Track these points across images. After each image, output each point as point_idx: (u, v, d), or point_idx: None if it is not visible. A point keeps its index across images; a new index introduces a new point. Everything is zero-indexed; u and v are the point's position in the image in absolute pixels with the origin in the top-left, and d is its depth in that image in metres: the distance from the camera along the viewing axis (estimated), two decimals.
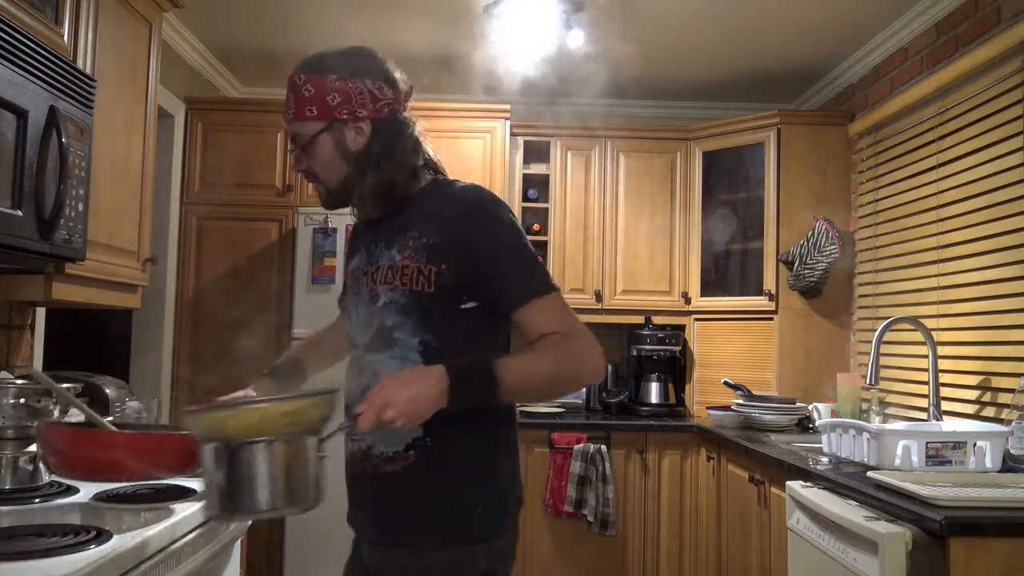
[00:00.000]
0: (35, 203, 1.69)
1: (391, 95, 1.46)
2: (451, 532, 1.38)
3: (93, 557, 1.28)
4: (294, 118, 1.44)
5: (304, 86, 1.42)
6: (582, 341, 1.37)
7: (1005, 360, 2.54)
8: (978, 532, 1.70)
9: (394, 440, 1.39)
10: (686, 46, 3.62)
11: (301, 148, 1.45)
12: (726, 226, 3.97)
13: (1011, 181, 2.53)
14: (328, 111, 1.41)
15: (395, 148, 1.45)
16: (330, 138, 1.42)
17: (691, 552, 3.65)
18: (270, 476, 1.18)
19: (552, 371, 1.35)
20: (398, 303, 1.40)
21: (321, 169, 1.45)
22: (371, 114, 1.43)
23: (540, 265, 1.42)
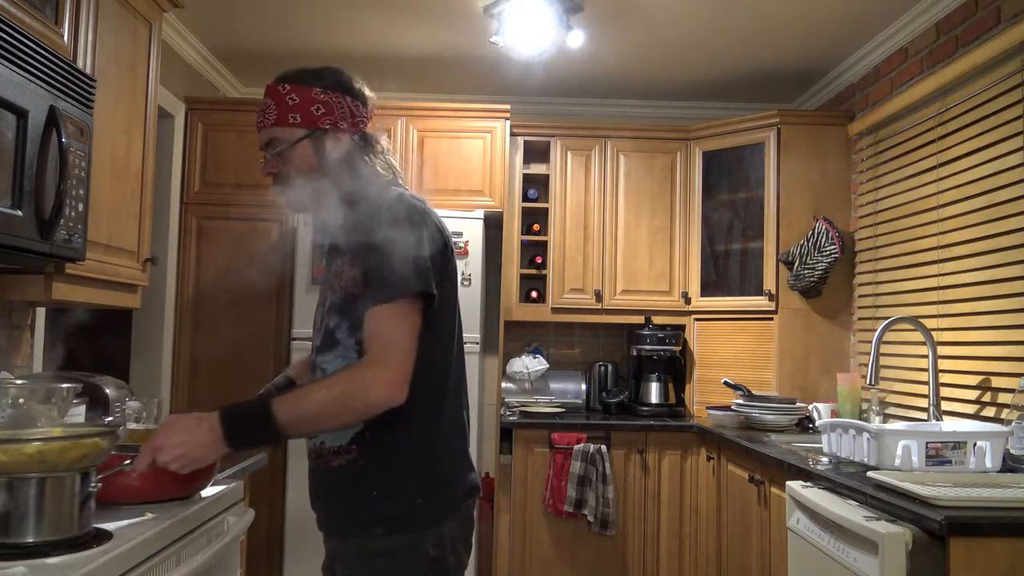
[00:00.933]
0: (35, 203, 1.69)
1: (365, 114, 1.59)
2: (396, 521, 1.45)
3: (93, 557, 1.28)
4: (275, 123, 1.52)
5: (289, 95, 1.52)
6: (372, 366, 1.39)
7: (1005, 360, 2.54)
8: (978, 532, 1.70)
9: (339, 435, 1.47)
10: (686, 46, 3.62)
11: (276, 153, 1.53)
12: (726, 226, 3.97)
13: (1011, 181, 2.53)
14: (312, 120, 1.51)
15: (366, 159, 1.56)
16: (311, 145, 1.52)
17: (691, 552, 3.65)
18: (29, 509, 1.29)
19: (326, 404, 1.39)
20: (336, 304, 1.49)
21: (295, 175, 1.53)
22: (349, 128, 1.55)
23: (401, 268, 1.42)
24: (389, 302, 1.41)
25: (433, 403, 1.49)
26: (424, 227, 1.47)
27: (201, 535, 1.71)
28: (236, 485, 1.96)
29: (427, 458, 1.48)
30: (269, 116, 1.53)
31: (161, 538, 1.51)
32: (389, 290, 1.41)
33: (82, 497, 1.36)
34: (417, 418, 1.46)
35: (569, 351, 4.43)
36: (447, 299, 1.53)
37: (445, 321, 1.53)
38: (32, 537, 1.29)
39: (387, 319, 1.41)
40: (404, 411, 1.41)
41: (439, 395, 1.51)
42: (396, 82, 4.16)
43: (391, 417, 1.41)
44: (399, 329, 1.41)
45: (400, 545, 1.44)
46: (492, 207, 3.83)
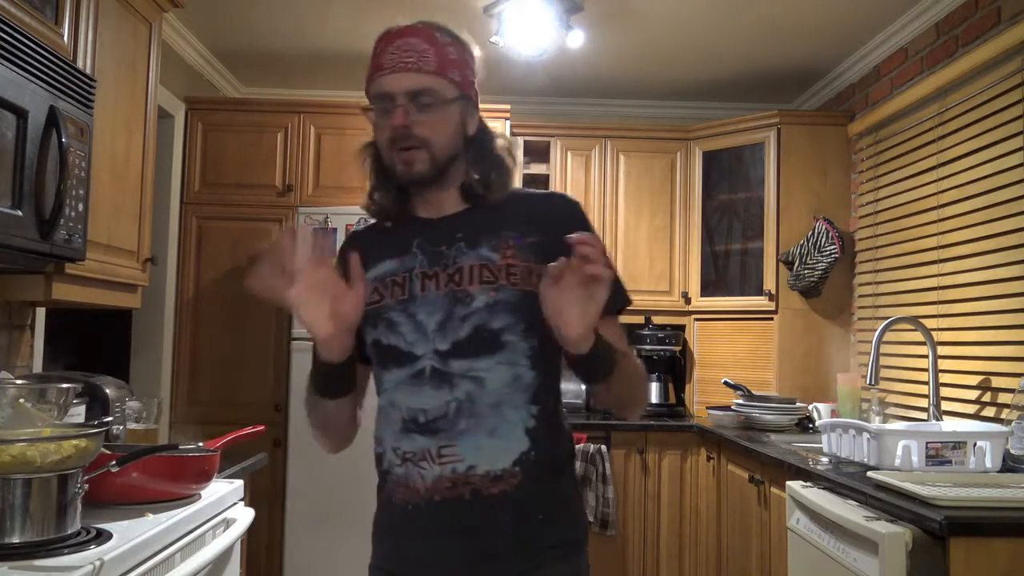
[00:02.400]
0: (35, 203, 1.69)
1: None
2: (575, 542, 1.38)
3: (93, 557, 1.28)
4: (434, 72, 1.30)
5: (449, 46, 1.34)
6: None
7: (1005, 360, 2.54)
8: (978, 532, 1.70)
9: (499, 457, 1.25)
10: (686, 46, 3.62)
11: (422, 107, 1.29)
12: (726, 226, 3.97)
13: (1011, 181, 2.53)
14: (468, 84, 1.36)
15: (495, 143, 1.42)
16: (459, 110, 1.34)
17: (691, 552, 3.65)
18: (14, 510, 1.30)
19: (640, 382, 1.41)
20: (507, 303, 1.26)
21: (438, 138, 1.30)
22: (477, 106, 1.41)
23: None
24: (623, 310, 1.36)
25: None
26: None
27: (201, 535, 1.71)
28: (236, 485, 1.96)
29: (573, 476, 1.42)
30: (427, 61, 1.30)
31: (161, 538, 1.51)
32: (624, 297, 1.36)
33: (68, 498, 1.36)
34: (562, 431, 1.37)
35: None
36: None
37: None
38: (18, 538, 1.29)
39: (620, 329, 1.37)
40: (564, 430, 1.36)
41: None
42: None
43: (555, 435, 1.32)
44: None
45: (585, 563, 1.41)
46: None
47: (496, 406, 1.25)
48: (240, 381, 3.68)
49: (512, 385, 1.26)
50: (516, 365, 1.26)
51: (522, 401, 1.27)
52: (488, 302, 1.26)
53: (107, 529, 1.44)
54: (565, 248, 1.13)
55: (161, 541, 1.51)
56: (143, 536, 1.44)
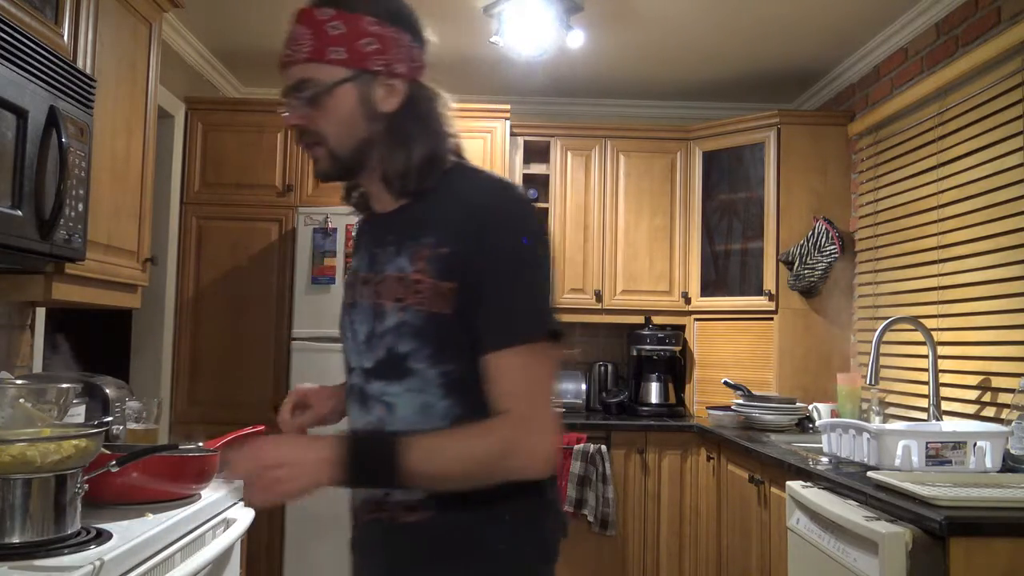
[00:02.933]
0: (35, 203, 1.69)
1: (423, 60, 1.24)
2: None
3: (93, 557, 1.28)
4: (309, 58, 1.15)
5: (330, 23, 1.14)
6: (530, 429, 1.10)
7: (1005, 360, 2.54)
8: (978, 532, 1.70)
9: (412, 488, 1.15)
10: (686, 46, 3.62)
11: (309, 99, 1.15)
12: (726, 226, 3.97)
13: (1011, 181, 2.53)
14: (360, 58, 1.14)
15: (431, 116, 1.20)
16: (355, 91, 1.15)
17: (691, 552, 3.65)
18: (14, 510, 1.30)
19: (464, 463, 1.10)
20: (412, 325, 1.14)
21: (333, 128, 1.16)
22: (407, 73, 1.18)
23: (541, 297, 1.15)
24: (525, 342, 1.11)
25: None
26: (545, 235, 1.19)
27: (201, 535, 1.71)
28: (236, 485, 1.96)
29: (528, 513, 1.19)
30: (301, 48, 1.15)
31: (161, 538, 1.51)
32: (528, 328, 1.12)
33: (68, 498, 1.36)
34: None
35: (569, 351, 4.42)
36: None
37: None
38: (18, 538, 1.29)
39: (528, 369, 1.11)
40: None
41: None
42: None
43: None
44: (544, 383, 1.13)
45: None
46: None
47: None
48: (240, 381, 3.68)
49: (422, 414, 1.14)
50: (425, 393, 1.14)
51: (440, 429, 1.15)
52: (396, 323, 1.15)
53: (107, 529, 1.44)
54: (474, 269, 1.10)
55: (161, 541, 1.51)
56: (143, 536, 1.44)
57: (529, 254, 1.14)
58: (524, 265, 1.14)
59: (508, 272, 1.12)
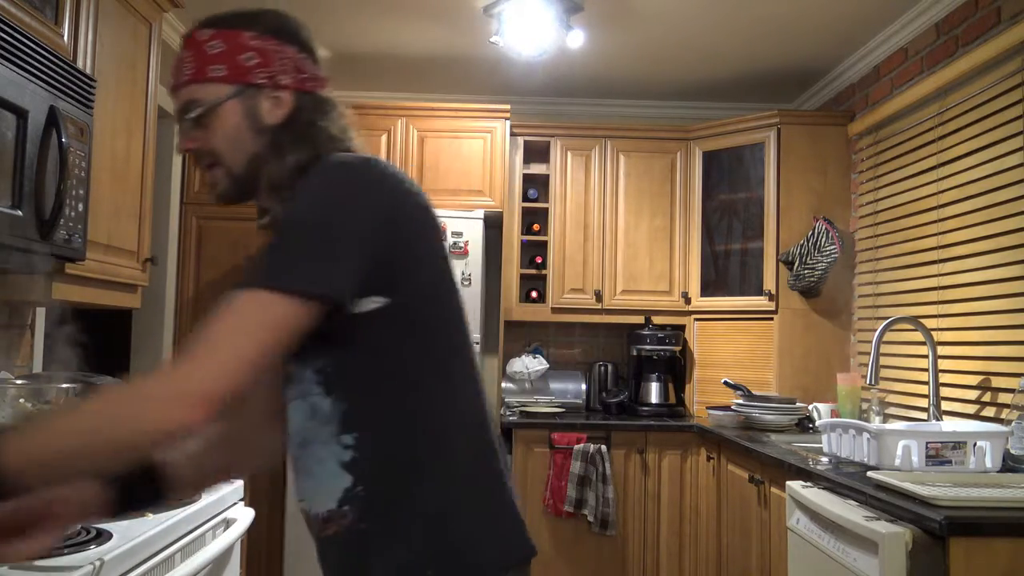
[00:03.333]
0: (35, 203, 1.69)
1: (316, 72, 1.20)
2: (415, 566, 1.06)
3: (93, 557, 1.28)
4: (191, 80, 1.14)
5: (209, 43, 1.13)
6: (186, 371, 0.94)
7: (1005, 360, 2.54)
8: (978, 532, 1.70)
9: (324, 498, 1.09)
10: (686, 46, 3.62)
11: (195, 120, 1.14)
12: (726, 226, 3.97)
13: (1011, 181, 2.53)
14: (241, 72, 1.13)
15: (319, 124, 1.16)
16: (240, 106, 1.13)
17: (691, 552, 3.65)
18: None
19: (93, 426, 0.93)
20: None
21: (224, 147, 1.14)
22: (294, 84, 1.16)
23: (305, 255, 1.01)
24: (251, 289, 0.98)
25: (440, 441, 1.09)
26: (367, 195, 1.06)
27: (201, 535, 1.71)
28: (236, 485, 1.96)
29: (437, 517, 1.07)
30: (185, 71, 1.14)
31: (161, 538, 1.51)
32: (261, 275, 0.99)
33: None
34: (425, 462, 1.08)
35: (569, 351, 4.42)
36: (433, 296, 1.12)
37: (439, 324, 1.12)
38: None
39: (236, 311, 0.97)
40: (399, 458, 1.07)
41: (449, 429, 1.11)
42: (396, 82, 4.16)
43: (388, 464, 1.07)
44: (245, 327, 0.97)
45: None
46: (492, 207, 3.83)
47: (304, 445, 1.11)
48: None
49: (312, 419, 1.09)
50: (309, 396, 1.09)
51: (329, 435, 1.08)
52: None
53: (107, 529, 1.45)
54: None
55: (161, 541, 1.51)
56: (143, 536, 1.44)
57: (309, 212, 1.04)
58: (297, 222, 1.04)
59: (282, 230, 1.04)
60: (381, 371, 1.08)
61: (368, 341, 1.07)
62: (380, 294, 1.06)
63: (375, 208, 1.06)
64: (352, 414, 1.07)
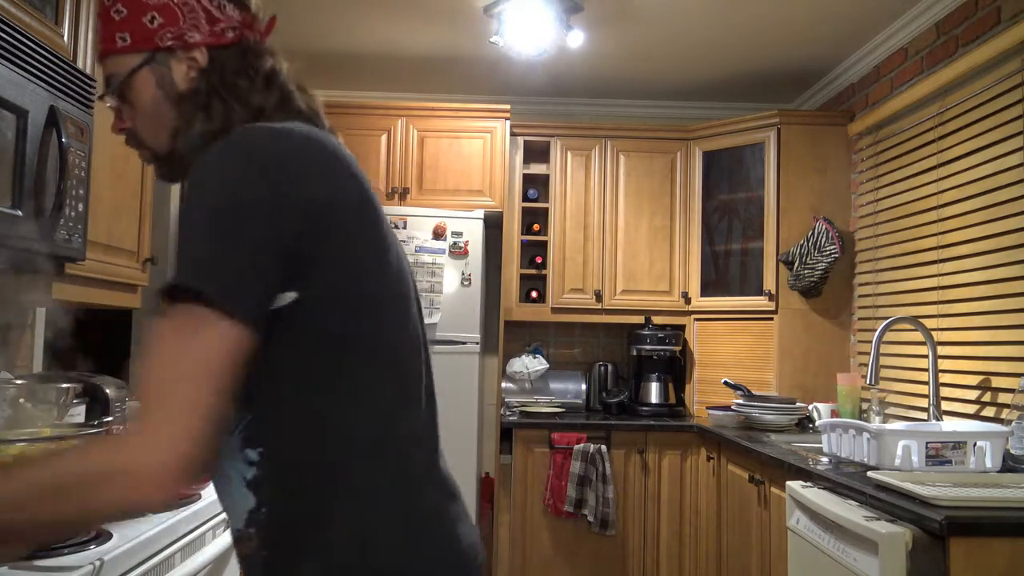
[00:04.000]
0: (35, 203, 1.69)
1: (238, 18, 1.06)
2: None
3: (93, 557, 1.28)
4: (103, 53, 1.03)
5: (114, 7, 1.01)
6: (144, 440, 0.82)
7: (1005, 360, 2.54)
8: (978, 532, 1.70)
9: (234, 514, 0.98)
10: (686, 46, 3.62)
11: (118, 96, 1.03)
12: (726, 226, 3.97)
13: (1011, 181, 2.53)
14: (146, 36, 1.01)
15: (237, 85, 1.02)
16: (152, 75, 1.02)
17: (691, 552, 3.65)
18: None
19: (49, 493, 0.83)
20: None
21: (144, 124, 1.04)
22: (208, 39, 1.03)
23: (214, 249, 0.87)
24: (184, 304, 0.84)
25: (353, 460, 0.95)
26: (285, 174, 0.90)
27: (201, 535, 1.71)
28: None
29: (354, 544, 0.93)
30: (98, 44, 1.04)
31: (161, 538, 1.51)
32: (185, 282, 0.84)
33: None
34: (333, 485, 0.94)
35: (569, 351, 4.42)
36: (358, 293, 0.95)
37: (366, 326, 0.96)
38: None
39: (169, 344, 0.84)
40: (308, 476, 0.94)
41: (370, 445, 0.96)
42: (396, 82, 4.16)
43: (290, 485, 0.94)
44: (185, 363, 0.83)
45: None
46: (492, 207, 3.83)
47: (217, 457, 0.97)
48: None
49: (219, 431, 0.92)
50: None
51: (233, 449, 0.94)
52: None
53: (107, 529, 1.44)
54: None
55: (161, 541, 1.51)
56: (143, 536, 1.44)
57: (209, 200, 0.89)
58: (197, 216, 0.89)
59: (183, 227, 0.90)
60: (288, 376, 0.92)
61: (274, 342, 0.90)
62: (286, 289, 0.90)
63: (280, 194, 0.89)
64: (255, 426, 0.93)
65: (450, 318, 3.62)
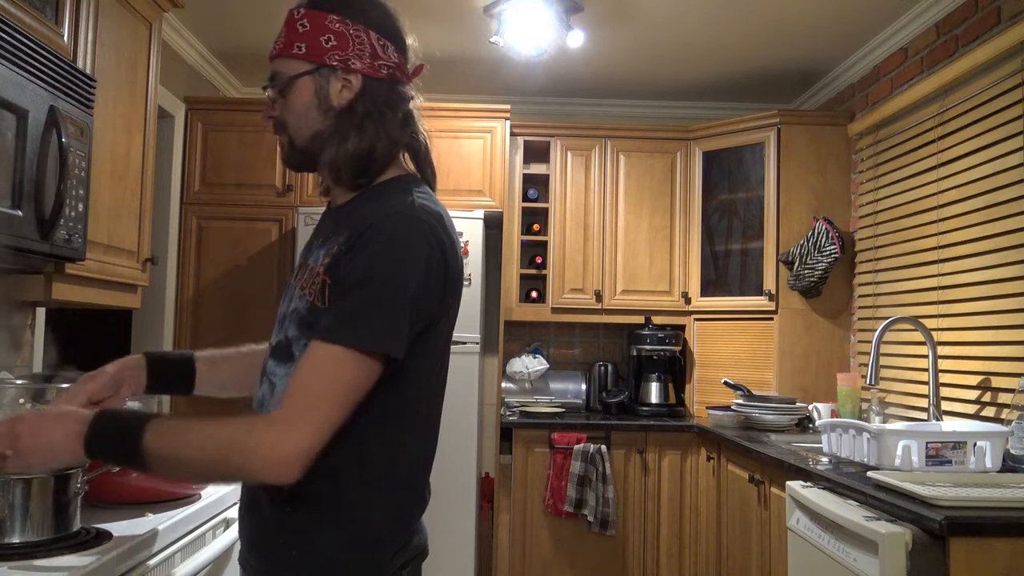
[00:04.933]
0: (35, 203, 1.69)
1: (395, 59, 1.25)
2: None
3: (93, 557, 1.28)
4: (279, 54, 1.24)
5: (300, 21, 1.23)
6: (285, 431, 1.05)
7: (1005, 360, 2.54)
8: (978, 532, 1.70)
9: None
10: (686, 46, 3.62)
11: (278, 91, 1.24)
12: (726, 226, 3.97)
13: (1011, 181, 2.53)
14: (318, 52, 1.21)
15: (385, 115, 1.23)
16: (312, 84, 1.22)
17: (691, 552, 3.65)
18: (14, 510, 1.32)
19: (198, 452, 1.08)
20: (299, 313, 1.19)
21: (292, 119, 1.24)
22: (365, 69, 1.22)
23: (381, 316, 1.10)
24: (346, 346, 1.08)
25: (379, 456, 1.18)
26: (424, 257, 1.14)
27: (201, 535, 1.71)
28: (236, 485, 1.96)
29: (356, 504, 1.16)
30: (277, 44, 1.25)
31: (161, 538, 1.51)
32: (346, 330, 1.08)
33: (68, 498, 1.36)
34: (348, 465, 1.15)
35: (569, 351, 4.43)
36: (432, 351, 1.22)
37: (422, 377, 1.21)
38: (18, 538, 1.29)
39: (328, 368, 1.08)
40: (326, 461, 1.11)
41: (398, 463, 1.20)
42: None
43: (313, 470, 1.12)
44: (336, 388, 1.08)
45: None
46: (492, 207, 3.83)
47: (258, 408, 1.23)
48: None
49: (270, 399, 1.21)
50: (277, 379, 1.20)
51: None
52: (293, 309, 1.21)
53: (107, 529, 1.45)
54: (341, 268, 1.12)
55: (161, 541, 1.51)
56: (143, 536, 1.44)
57: (388, 272, 1.11)
58: (378, 279, 1.10)
59: (362, 279, 1.10)
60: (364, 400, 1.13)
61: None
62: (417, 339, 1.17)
63: (427, 268, 1.14)
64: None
65: None
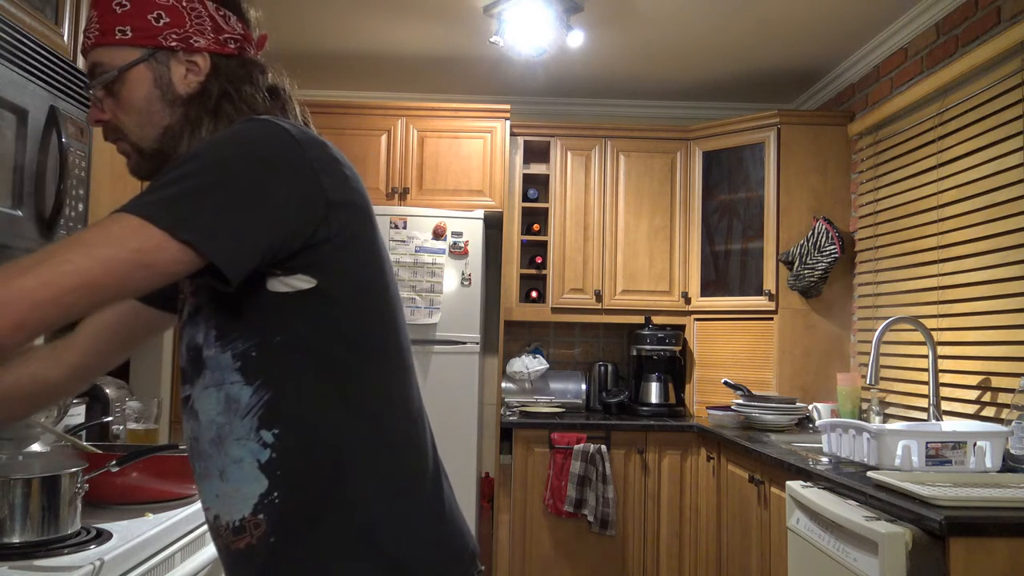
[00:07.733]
0: (35, 203, 1.69)
1: (240, 30, 1.08)
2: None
3: (93, 557, 1.28)
4: (96, 43, 1.01)
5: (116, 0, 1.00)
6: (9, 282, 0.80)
7: (1005, 360, 2.54)
8: (978, 532, 1.70)
9: (238, 505, 0.97)
10: (686, 46, 3.62)
11: (104, 88, 1.02)
12: (726, 226, 3.97)
13: (1011, 181, 2.53)
14: (149, 34, 1.00)
15: (243, 91, 1.04)
16: (149, 73, 1.01)
17: (691, 552, 3.65)
18: (14, 510, 1.31)
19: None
20: (199, 308, 0.99)
21: (132, 119, 1.03)
22: (210, 46, 1.03)
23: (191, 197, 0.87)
24: (133, 215, 0.85)
25: (372, 444, 0.98)
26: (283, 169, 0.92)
27: (201, 535, 1.71)
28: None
29: (369, 528, 0.95)
30: (90, 33, 1.02)
31: (161, 538, 1.51)
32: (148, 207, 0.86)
33: (68, 498, 1.36)
34: (351, 468, 0.96)
35: (569, 351, 4.43)
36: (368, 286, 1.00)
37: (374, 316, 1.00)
38: (18, 538, 1.30)
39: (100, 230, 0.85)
40: (326, 459, 0.95)
41: (382, 429, 0.99)
42: (396, 82, 4.16)
43: (307, 468, 0.95)
44: (105, 249, 0.83)
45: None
46: (492, 207, 3.83)
47: (216, 442, 0.97)
48: None
49: (226, 412, 0.96)
50: (224, 384, 0.96)
51: (246, 430, 0.95)
52: (190, 311, 1.02)
53: (107, 529, 1.45)
54: None
55: (161, 541, 1.51)
56: (143, 536, 1.44)
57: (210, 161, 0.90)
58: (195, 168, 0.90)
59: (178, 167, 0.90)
60: (309, 358, 0.95)
61: (296, 324, 0.95)
62: (306, 273, 0.94)
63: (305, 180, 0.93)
64: (275, 406, 0.95)
65: (450, 318, 3.62)
